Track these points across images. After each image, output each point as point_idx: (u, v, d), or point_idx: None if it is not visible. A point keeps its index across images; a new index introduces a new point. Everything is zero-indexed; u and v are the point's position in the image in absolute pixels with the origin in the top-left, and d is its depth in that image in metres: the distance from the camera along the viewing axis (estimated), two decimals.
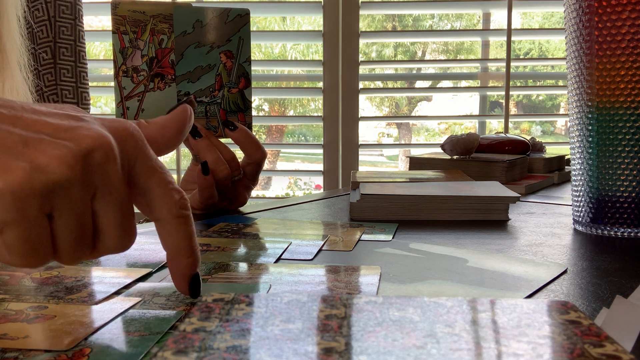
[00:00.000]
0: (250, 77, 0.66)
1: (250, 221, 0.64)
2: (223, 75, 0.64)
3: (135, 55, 0.62)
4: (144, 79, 0.62)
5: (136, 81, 0.62)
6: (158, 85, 0.63)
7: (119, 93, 0.62)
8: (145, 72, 0.62)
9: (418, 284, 0.42)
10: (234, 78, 0.64)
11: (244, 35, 0.64)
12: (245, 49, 0.64)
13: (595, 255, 0.51)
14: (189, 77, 0.63)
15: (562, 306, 0.31)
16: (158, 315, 0.34)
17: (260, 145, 0.67)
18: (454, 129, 5.89)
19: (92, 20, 3.85)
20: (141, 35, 0.61)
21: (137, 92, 0.62)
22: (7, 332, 0.31)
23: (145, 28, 0.61)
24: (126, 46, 0.61)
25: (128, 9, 0.61)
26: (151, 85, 0.63)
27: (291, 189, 5.82)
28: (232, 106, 0.65)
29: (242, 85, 0.65)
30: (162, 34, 0.62)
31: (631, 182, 0.57)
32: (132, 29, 0.61)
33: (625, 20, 0.55)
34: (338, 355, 0.25)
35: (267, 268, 0.45)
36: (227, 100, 0.65)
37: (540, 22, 6.32)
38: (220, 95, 0.64)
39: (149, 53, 0.62)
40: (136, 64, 0.62)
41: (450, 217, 0.66)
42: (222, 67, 0.64)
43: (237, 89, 0.65)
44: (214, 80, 0.64)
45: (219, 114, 0.65)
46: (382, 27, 6.40)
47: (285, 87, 2.23)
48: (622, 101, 0.56)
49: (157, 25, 0.61)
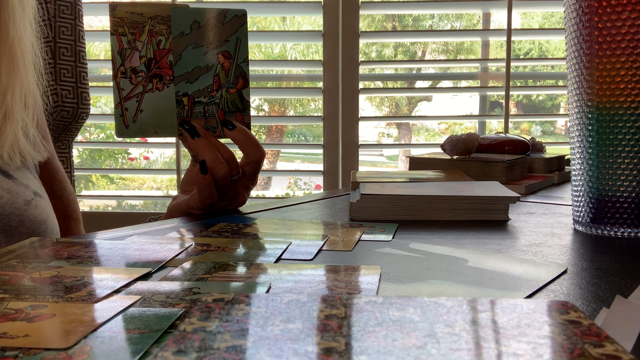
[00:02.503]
0: (248, 78, 0.66)
1: (250, 221, 0.64)
2: (221, 76, 0.64)
3: (134, 56, 0.62)
4: (142, 80, 0.62)
5: (135, 82, 0.62)
6: (156, 86, 0.63)
7: (117, 94, 0.62)
8: (144, 73, 0.62)
9: (418, 284, 0.42)
10: (232, 78, 0.65)
11: (242, 35, 0.64)
12: (243, 50, 0.64)
13: (595, 255, 0.51)
14: (187, 78, 0.64)
15: (562, 306, 0.31)
16: (158, 313, 0.34)
17: (259, 144, 0.67)
18: (454, 129, 5.89)
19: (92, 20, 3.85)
20: (139, 36, 0.62)
21: (136, 93, 0.63)
22: (7, 331, 0.31)
23: (143, 29, 0.62)
24: (124, 47, 0.62)
25: (126, 10, 0.61)
26: (150, 86, 0.63)
27: (291, 189, 5.82)
28: (230, 106, 0.65)
29: (240, 85, 0.65)
30: (160, 35, 0.62)
31: (631, 182, 0.57)
32: (130, 30, 0.61)
33: (625, 20, 0.55)
34: (338, 355, 0.25)
35: (267, 268, 0.45)
36: (225, 100, 0.65)
37: (540, 22, 6.32)
38: (218, 95, 0.65)
39: (147, 54, 0.62)
40: (134, 65, 0.62)
41: (450, 217, 0.66)
42: (220, 68, 0.64)
43: (235, 89, 0.65)
44: (212, 81, 0.64)
45: (218, 114, 0.65)
46: (382, 27, 6.40)
47: (285, 87, 2.23)
48: (622, 101, 0.56)
49: (155, 27, 0.62)
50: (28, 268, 0.43)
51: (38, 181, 0.73)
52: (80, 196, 1.60)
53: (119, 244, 0.51)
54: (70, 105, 1.17)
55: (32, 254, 0.48)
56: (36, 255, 0.47)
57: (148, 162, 5.43)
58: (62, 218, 0.79)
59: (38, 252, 0.48)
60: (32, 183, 0.70)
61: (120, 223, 0.71)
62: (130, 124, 0.64)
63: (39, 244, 0.51)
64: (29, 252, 0.48)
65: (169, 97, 0.63)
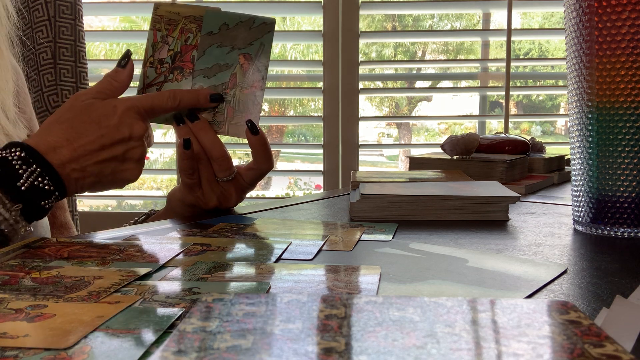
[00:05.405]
0: (264, 82, 0.68)
1: (250, 221, 0.64)
2: (238, 75, 0.67)
3: (163, 49, 0.66)
4: (165, 70, 0.66)
5: (159, 72, 0.66)
6: (176, 77, 0.67)
7: (142, 81, 0.66)
8: (168, 64, 0.66)
9: (418, 284, 0.42)
10: (248, 79, 0.67)
11: (266, 41, 0.66)
12: (265, 55, 0.67)
13: (595, 255, 0.51)
14: (206, 73, 0.66)
15: (562, 306, 0.31)
16: (158, 312, 0.34)
17: (272, 157, 0.68)
18: (454, 129, 5.89)
19: (92, 20, 3.85)
20: (172, 32, 0.66)
21: (158, 81, 0.66)
22: (7, 331, 0.31)
23: (177, 27, 0.66)
24: (158, 41, 0.66)
25: (167, 9, 0.66)
26: (170, 77, 0.67)
27: (291, 189, 5.82)
28: (241, 106, 0.67)
29: (256, 87, 0.67)
30: (190, 33, 0.66)
31: (631, 182, 0.57)
32: (165, 26, 0.66)
33: (625, 20, 0.55)
34: (338, 355, 0.25)
35: (267, 268, 0.45)
36: (237, 99, 0.67)
37: (540, 22, 6.32)
38: (231, 93, 0.67)
39: (175, 48, 0.66)
40: (162, 57, 0.66)
41: (450, 217, 0.66)
42: (239, 68, 0.67)
43: (249, 90, 0.67)
44: (228, 79, 0.67)
45: (227, 111, 0.67)
46: (382, 27, 6.40)
47: (285, 87, 2.23)
48: (622, 101, 0.56)
49: (187, 25, 0.66)
50: (28, 268, 0.43)
51: None
52: (80, 196, 1.61)
53: (119, 244, 0.51)
54: None
55: (32, 254, 0.48)
56: (36, 255, 0.47)
57: (148, 162, 5.43)
58: None
59: (38, 252, 0.48)
60: None
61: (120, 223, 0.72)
62: None
63: (39, 244, 0.51)
64: (29, 252, 0.48)
65: (185, 87, 0.66)
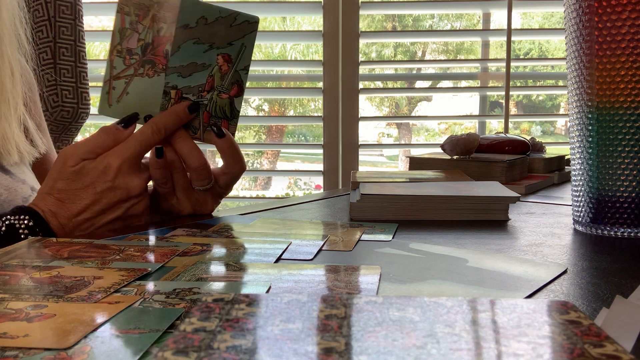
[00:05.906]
0: (244, 87, 0.64)
1: (250, 221, 0.64)
2: (216, 78, 0.62)
3: (132, 37, 0.60)
4: (135, 63, 0.61)
5: (127, 63, 0.61)
6: (147, 72, 0.61)
7: (109, 71, 0.61)
8: (138, 56, 0.61)
9: (418, 284, 0.42)
10: (226, 83, 0.62)
11: (248, 42, 0.62)
12: (246, 57, 0.62)
13: (595, 255, 0.51)
14: (180, 71, 0.61)
15: (562, 306, 0.31)
16: (157, 312, 0.34)
17: (242, 158, 0.65)
18: (454, 129, 5.89)
19: (92, 20, 3.85)
20: (142, 19, 0.60)
21: (126, 74, 0.61)
22: (7, 331, 0.31)
23: (148, 13, 0.60)
24: (126, 27, 0.60)
25: None
26: (140, 71, 0.61)
27: (291, 189, 5.82)
28: (218, 112, 0.63)
29: (234, 92, 0.63)
30: (163, 23, 0.60)
31: (631, 182, 0.57)
32: (135, 11, 0.60)
33: (625, 20, 0.55)
34: (338, 355, 0.25)
35: (267, 268, 0.45)
36: (214, 104, 0.62)
37: (540, 22, 6.32)
38: (208, 97, 0.62)
39: (146, 38, 0.61)
40: (131, 47, 0.61)
41: (450, 217, 0.66)
42: (217, 70, 0.62)
43: (228, 95, 0.63)
44: (205, 81, 0.62)
45: (202, 116, 0.62)
46: (382, 27, 6.39)
47: (285, 87, 2.23)
48: (622, 101, 0.56)
49: (159, 12, 0.60)
50: (28, 268, 0.43)
51: (32, 174, 0.73)
52: None
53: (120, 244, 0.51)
54: (70, 105, 1.17)
55: (32, 254, 0.48)
56: (36, 255, 0.47)
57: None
58: None
59: (38, 252, 0.48)
60: (28, 178, 0.70)
61: None
62: (113, 104, 0.62)
63: (39, 244, 0.51)
64: (29, 252, 0.48)
65: (157, 85, 0.61)
